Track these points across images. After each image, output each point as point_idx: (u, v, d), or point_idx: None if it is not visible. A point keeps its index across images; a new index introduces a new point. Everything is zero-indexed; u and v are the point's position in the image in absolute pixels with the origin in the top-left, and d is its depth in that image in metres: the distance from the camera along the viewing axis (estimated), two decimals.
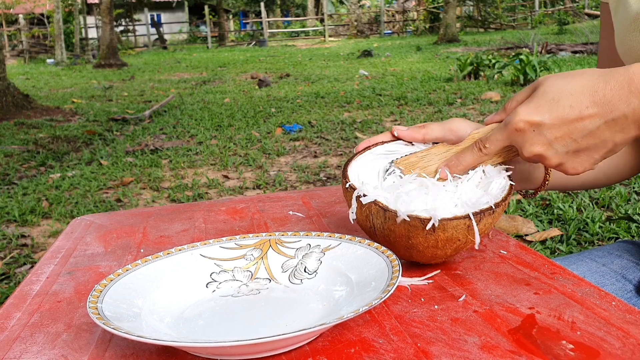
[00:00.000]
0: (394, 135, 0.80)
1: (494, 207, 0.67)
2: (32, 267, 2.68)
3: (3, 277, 2.61)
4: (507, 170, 0.73)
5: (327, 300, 0.63)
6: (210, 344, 0.50)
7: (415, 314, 0.59)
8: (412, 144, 0.79)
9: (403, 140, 0.79)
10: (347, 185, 0.72)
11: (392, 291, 0.54)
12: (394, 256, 0.62)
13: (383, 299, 0.53)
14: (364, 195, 0.68)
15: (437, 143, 0.78)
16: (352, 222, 0.72)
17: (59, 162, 4.74)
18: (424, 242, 0.66)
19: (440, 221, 0.64)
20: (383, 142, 0.80)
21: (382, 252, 0.64)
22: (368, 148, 0.79)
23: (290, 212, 0.96)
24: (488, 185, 0.72)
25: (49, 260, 0.81)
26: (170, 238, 0.88)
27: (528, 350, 0.51)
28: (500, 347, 0.52)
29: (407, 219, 0.65)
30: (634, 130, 0.65)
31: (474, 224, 0.65)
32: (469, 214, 0.65)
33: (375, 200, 0.68)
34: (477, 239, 0.66)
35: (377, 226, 0.68)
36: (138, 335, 0.50)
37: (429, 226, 0.64)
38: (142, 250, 0.83)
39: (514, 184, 0.72)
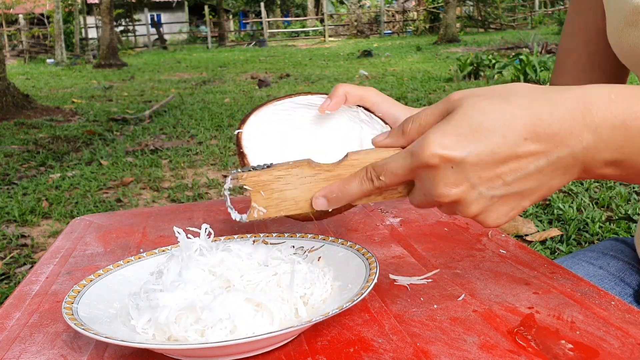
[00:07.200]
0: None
1: None
2: (32, 267, 2.67)
3: (3, 277, 2.61)
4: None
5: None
6: (187, 345, 0.49)
7: (414, 314, 0.59)
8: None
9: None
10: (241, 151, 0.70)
11: (371, 287, 0.55)
12: (370, 253, 0.63)
13: (363, 296, 0.53)
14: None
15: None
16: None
17: (59, 162, 4.74)
18: None
19: None
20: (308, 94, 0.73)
21: (363, 255, 0.64)
22: (289, 96, 0.71)
23: None
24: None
25: (48, 260, 0.81)
26: (170, 238, 0.87)
27: (527, 349, 0.51)
28: (500, 346, 0.52)
29: None
30: (577, 173, 0.51)
31: None
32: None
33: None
34: None
35: None
36: (105, 337, 0.50)
37: None
38: (141, 250, 0.83)
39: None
